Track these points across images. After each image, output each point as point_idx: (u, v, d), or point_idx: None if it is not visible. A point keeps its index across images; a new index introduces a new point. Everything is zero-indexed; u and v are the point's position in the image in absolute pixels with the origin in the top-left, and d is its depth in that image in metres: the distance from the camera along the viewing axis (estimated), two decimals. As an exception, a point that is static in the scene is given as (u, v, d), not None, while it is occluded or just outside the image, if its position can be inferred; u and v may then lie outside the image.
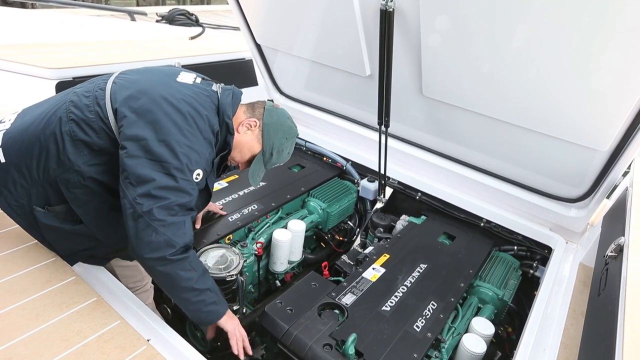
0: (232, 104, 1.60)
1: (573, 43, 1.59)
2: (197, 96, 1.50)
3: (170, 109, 1.40)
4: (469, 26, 1.78)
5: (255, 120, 1.67)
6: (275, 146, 1.72)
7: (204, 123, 1.47)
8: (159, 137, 1.36)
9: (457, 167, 2.49)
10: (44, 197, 1.52)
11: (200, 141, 1.45)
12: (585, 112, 1.78)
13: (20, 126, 1.51)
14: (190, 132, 1.42)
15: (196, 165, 1.43)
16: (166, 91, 1.44)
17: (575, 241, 2.29)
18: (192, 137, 1.42)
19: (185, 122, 1.41)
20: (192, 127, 1.43)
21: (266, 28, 2.66)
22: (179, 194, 1.39)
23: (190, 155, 1.40)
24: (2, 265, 1.61)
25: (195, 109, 1.46)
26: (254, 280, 2.31)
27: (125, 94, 1.43)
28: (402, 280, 2.01)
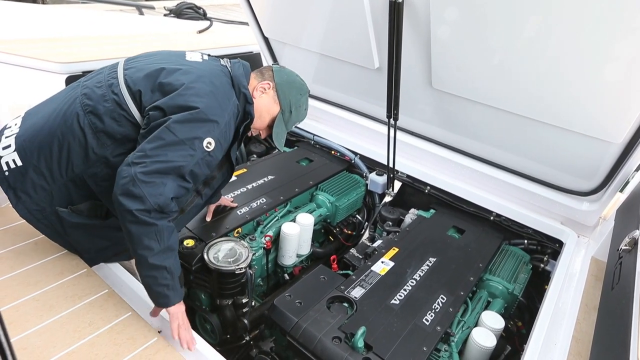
0: (244, 74, 1.62)
1: (586, 33, 1.56)
2: (212, 71, 1.52)
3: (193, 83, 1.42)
4: (479, 17, 1.76)
5: (267, 83, 1.69)
6: (293, 103, 1.74)
7: (223, 95, 1.48)
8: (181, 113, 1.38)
9: (467, 160, 2.46)
10: (67, 197, 1.51)
11: (220, 112, 1.45)
12: (599, 104, 1.75)
13: (33, 127, 1.51)
14: (213, 103, 1.43)
15: (207, 134, 1.41)
16: (184, 68, 1.47)
17: (587, 235, 2.26)
18: (215, 108, 1.43)
19: (207, 94, 1.43)
20: (213, 99, 1.44)
21: (274, 21, 2.65)
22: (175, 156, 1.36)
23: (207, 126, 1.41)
24: (16, 258, 1.64)
25: (212, 83, 1.47)
26: (262, 274, 2.32)
27: (141, 75, 1.44)
28: (411, 273, 2.00)
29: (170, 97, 1.40)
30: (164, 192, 1.35)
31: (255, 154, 3.24)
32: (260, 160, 2.90)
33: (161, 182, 1.34)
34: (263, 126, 1.75)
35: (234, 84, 1.57)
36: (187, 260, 1.91)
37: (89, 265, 1.67)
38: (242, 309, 1.99)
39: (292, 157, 2.95)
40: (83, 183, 1.49)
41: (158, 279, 1.39)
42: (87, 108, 1.44)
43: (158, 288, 1.40)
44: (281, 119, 1.74)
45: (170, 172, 1.36)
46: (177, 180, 1.38)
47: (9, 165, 1.50)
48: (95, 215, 1.56)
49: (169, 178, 1.36)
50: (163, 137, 1.35)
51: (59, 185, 1.49)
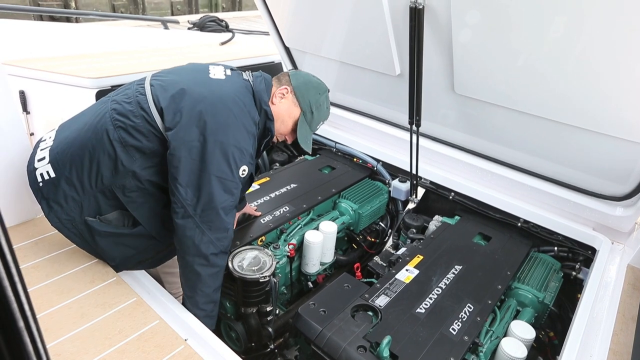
0: (265, 89, 1.65)
1: (615, 30, 1.51)
2: (235, 90, 1.54)
3: (215, 108, 1.45)
4: (502, 19, 1.73)
5: (285, 87, 1.72)
6: (312, 103, 1.76)
7: (246, 116, 1.52)
8: (207, 139, 1.42)
9: (492, 166, 2.41)
10: (95, 207, 1.57)
11: (245, 136, 1.50)
12: (631, 105, 1.69)
13: (65, 140, 1.58)
14: (237, 129, 1.47)
15: (241, 163, 1.48)
16: (207, 89, 1.49)
17: (622, 242, 2.17)
18: (238, 133, 1.47)
19: (230, 120, 1.46)
20: (238, 124, 1.48)
21: (294, 31, 2.68)
22: (226, 197, 1.46)
23: (236, 154, 1.46)
24: (50, 266, 1.70)
25: (236, 103, 1.50)
26: (286, 282, 2.32)
27: (167, 95, 1.48)
28: (436, 281, 1.97)
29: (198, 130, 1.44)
30: (227, 233, 1.52)
31: (278, 162, 3.27)
32: (282, 169, 2.92)
33: (222, 220, 1.50)
34: (287, 131, 1.78)
35: (256, 99, 1.60)
36: (212, 269, 1.94)
37: (117, 271, 1.72)
38: (267, 317, 2.00)
39: (315, 165, 2.96)
40: (111, 194, 1.54)
41: (207, 312, 1.60)
42: (117, 123, 1.49)
43: (204, 320, 1.56)
44: (304, 120, 1.76)
45: (227, 210, 1.49)
46: (230, 212, 1.52)
47: (43, 177, 1.57)
48: (123, 224, 1.61)
49: (224, 215, 1.49)
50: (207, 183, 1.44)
51: (89, 196, 1.54)
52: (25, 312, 0.45)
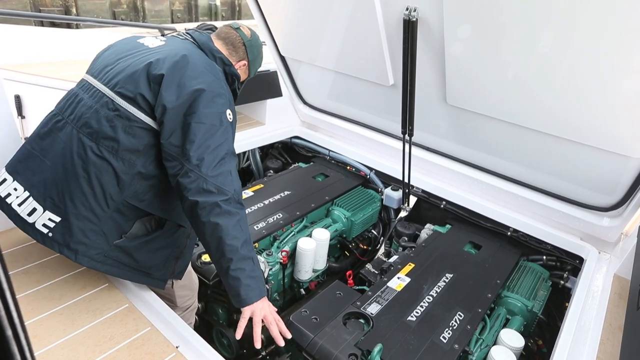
0: (208, 40, 1.65)
1: (602, 47, 1.55)
2: (186, 48, 1.53)
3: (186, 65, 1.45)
4: (493, 33, 1.77)
5: (244, 62, 1.77)
6: (256, 68, 1.87)
7: (210, 67, 1.51)
8: (189, 98, 1.40)
9: (483, 175, 2.45)
10: (117, 228, 1.50)
11: (218, 84, 1.49)
12: (617, 118, 1.73)
13: (45, 181, 1.45)
14: (208, 80, 1.46)
15: (223, 107, 1.47)
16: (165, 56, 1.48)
17: (608, 251, 2.21)
18: (212, 83, 1.46)
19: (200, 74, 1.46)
20: (207, 75, 1.47)
21: (290, 40, 2.71)
22: (222, 141, 1.44)
23: (218, 100, 1.45)
24: (41, 272, 1.69)
25: (195, 58, 1.50)
26: (279, 289, 2.33)
27: (130, 81, 1.43)
28: (427, 290, 1.99)
29: (175, 92, 1.41)
30: (233, 178, 1.45)
31: (272, 169, 3.28)
32: (276, 176, 2.94)
33: (226, 170, 1.43)
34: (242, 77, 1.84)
35: (206, 52, 1.60)
36: (205, 275, 1.94)
37: (161, 286, 1.67)
38: (259, 324, 2.00)
39: (308, 173, 2.98)
40: (126, 207, 1.48)
41: (246, 271, 1.43)
42: (95, 136, 1.42)
43: (247, 281, 1.43)
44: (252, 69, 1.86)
45: (225, 156, 1.44)
46: (232, 160, 1.48)
47: (48, 226, 1.44)
48: (149, 230, 1.57)
49: (227, 163, 1.44)
50: (197, 131, 1.39)
51: (106, 220, 1.47)
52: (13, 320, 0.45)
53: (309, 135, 3.28)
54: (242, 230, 1.44)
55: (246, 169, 3.50)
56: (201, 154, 1.39)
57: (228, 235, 1.40)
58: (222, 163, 1.43)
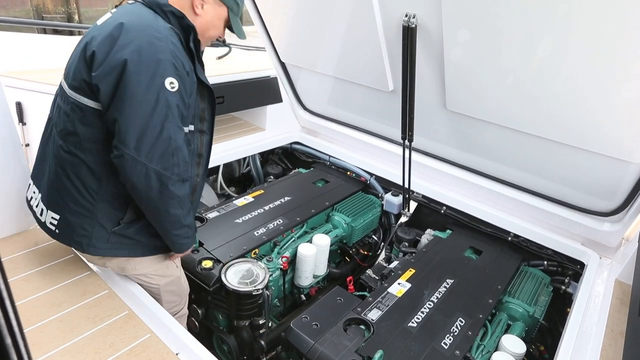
0: None
1: (601, 52, 1.56)
2: (125, 13, 1.38)
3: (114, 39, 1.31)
4: (492, 38, 1.78)
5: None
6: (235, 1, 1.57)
7: (148, 30, 1.34)
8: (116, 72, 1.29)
9: (483, 181, 2.45)
10: (111, 217, 1.51)
11: (154, 49, 1.31)
12: (616, 123, 1.74)
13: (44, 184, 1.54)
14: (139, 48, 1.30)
15: (161, 77, 1.30)
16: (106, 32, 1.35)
17: (609, 256, 2.20)
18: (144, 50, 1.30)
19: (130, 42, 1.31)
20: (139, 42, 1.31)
21: (290, 47, 2.73)
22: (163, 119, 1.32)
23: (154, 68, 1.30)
24: (41, 278, 1.69)
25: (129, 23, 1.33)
26: (279, 295, 2.32)
27: (74, 69, 1.41)
28: (428, 295, 1.98)
29: (104, 68, 1.30)
30: (178, 159, 1.38)
31: (272, 175, 3.29)
32: (277, 182, 2.94)
33: (168, 152, 1.35)
34: (221, 32, 1.61)
35: (154, 9, 1.41)
36: (205, 282, 1.94)
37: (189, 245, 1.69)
38: (259, 330, 2.00)
39: (309, 178, 2.98)
40: (114, 195, 1.48)
41: (182, 236, 1.56)
42: (62, 134, 1.44)
43: (183, 240, 1.58)
44: (232, 14, 1.59)
45: (167, 135, 1.33)
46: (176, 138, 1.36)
47: (53, 224, 1.53)
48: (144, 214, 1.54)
49: (169, 141, 1.34)
50: (131, 110, 1.28)
51: (97, 211, 1.48)
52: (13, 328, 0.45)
53: (309, 141, 3.28)
54: (182, 207, 1.47)
55: (246, 174, 3.51)
56: (139, 136, 1.30)
57: (167, 214, 1.45)
58: (162, 143, 1.33)
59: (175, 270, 1.80)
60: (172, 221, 1.48)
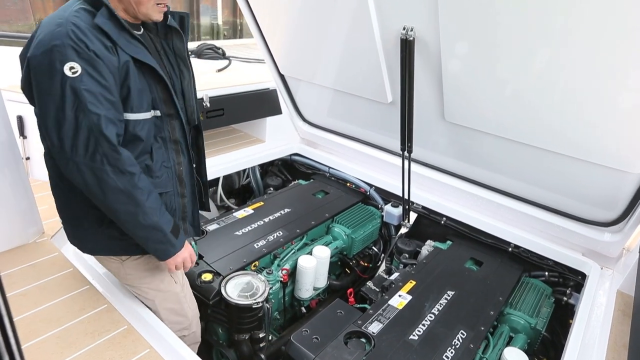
0: None
1: (598, 63, 1.57)
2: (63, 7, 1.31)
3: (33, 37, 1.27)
4: (489, 50, 1.80)
5: None
6: None
7: (49, 20, 1.26)
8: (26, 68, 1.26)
9: (483, 191, 2.45)
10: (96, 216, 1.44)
11: (49, 37, 1.21)
12: (615, 134, 1.74)
13: None
14: (39, 41, 1.23)
15: (60, 64, 1.19)
16: None
17: (610, 267, 2.20)
18: (40, 42, 1.22)
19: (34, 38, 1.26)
20: (40, 35, 1.23)
21: (289, 59, 2.75)
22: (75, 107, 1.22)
23: (50, 57, 1.20)
24: (40, 293, 1.68)
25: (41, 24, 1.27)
26: (279, 307, 2.31)
27: None
28: (429, 307, 1.97)
29: (23, 71, 1.28)
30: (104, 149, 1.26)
31: (272, 186, 3.29)
32: (276, 193, 2.94)
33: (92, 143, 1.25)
34: None
35: None
36: (205, 295, 1.93)
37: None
38: (259, 344, 1.98)
39: (308, 190, 2.99)
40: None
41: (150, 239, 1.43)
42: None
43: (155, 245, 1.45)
44: None
45: (85, 126, 1.23)
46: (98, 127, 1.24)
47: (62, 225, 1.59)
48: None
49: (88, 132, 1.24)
50: (43, 106, 1.24)
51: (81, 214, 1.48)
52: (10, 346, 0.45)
53: (309, 153, 3.29)
54: (131, 202, 1.33)
55: (246, 186, 3.51)
56: (57, 130, 1.23)
57: (117, 211, 1.35)
58: (82, 134, 1.24)
59: (173, 286, 1.71)
60: (128, 220, 1.36)
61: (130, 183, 1.32)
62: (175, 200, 1.57)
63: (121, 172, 1.30)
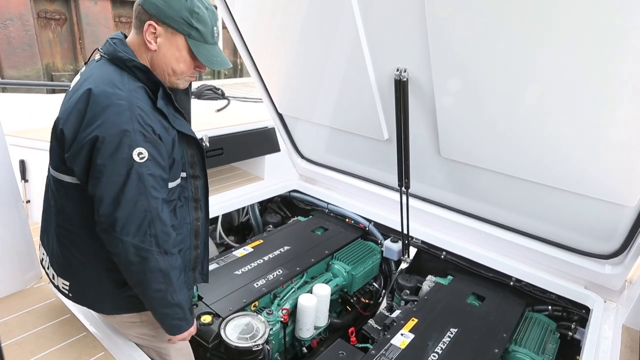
0: (119, 44, 1.33)
1: (586, 98, 1.61)
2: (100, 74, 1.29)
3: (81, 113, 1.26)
4: (481, 89, 1.85)
5: (149, 24, 1.31)
6: (186, 16, 1.31)
7: (112, 96, 1.25)
8: (85, 151, 1.25)
9: (481, 225, 2.46)
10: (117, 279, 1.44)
11: (118, 120, 1.23)
12: (608, 168, 1.77)
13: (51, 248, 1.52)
14: (105, 122, 1.23)
15: (129, 149, 1.23)
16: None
17: (614, 300, 2.17)
18: (108, 124, 1.22)
19: (96, 116, 1.24)
20: (105, 114, 1.23)
21: (287, 98, 2.82)
22: (134, 192, 1.26)
23: (118, 142, 1.23)
24: (35, 341, 1.65)
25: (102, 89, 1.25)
26: (280, 348, 2.26)
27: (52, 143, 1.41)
28: (432, 346, 1.93)
29: (74, 148, 1.26)
30: (156, 230, 1.31)
31: (272, 223, 3.29)
32: (276, 231, 2.94)
33: (145, 224, 1.29)
34: (186, 65, 1.39)
35: (119, 65, 1.31)
36: (204, 338, 1.90)
37: None
38: (260, 388, 1.92)
39: (308, 226, 2.99)
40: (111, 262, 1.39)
41: (171, 315, 1.44)
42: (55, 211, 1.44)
43: (173, 321, 1.46)
44: (194, 42, 1.35)
45: (142, 209, 1.27)
46: (152, 209, 1.29)
47: (65, 289, 1.51)
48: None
49: (145, 215, 1.29)
50: (100, 187, 1.25)
51: (101, 278, 1.46)
52: None
53: (307, 189, 3.32)
54: (166, 282, 1.37)
55: (245, 223, 3.51)
56: (112, 211, 1.25)
57: (150, 289, 1.36)
58: (137, 216, 1.27)
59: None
60: (157, 297, 1.39)
61: (170, 264, 1.37)
62: (190, 253, 1.60)
63: (166, 253, 1.35)
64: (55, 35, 8.86)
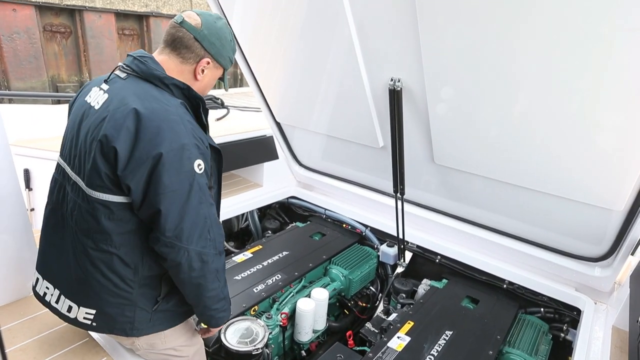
0: (151, 62, 1.38)
1: (575, 105, 1.67)
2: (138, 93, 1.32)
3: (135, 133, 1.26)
4: (472, 98, 1.92)
5: (207, 60, 1.44)
6: (231, 56, 1.52)
7: (164, 112, 1.30)
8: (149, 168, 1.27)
9: (475, 229, 2.52)
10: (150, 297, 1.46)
11: (177, 135, 1.28)
12: (595, 173, 1.83)
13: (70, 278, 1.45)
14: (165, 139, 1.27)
15: (190, 162, 1.29)
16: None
17: (604, 301, 2.23)
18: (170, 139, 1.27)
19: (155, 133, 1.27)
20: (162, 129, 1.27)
21: (284, 108, 2.89)
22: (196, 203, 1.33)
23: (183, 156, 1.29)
24: (39, 347, 1.68)
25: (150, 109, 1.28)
26: (279, 352, 2.30)
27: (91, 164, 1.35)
28: (428, 349, 1.98)
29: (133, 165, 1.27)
30: (214, 235, 1.39)
31: (270, 229, 3.34)
32: (275, 237, 2.99)
33: (205, 231, 1.35)
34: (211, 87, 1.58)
35: (153, 82, 1.36)
36: (205, 342, 1.93)
37: None
38: (260, 391, 1.96)
39: (306, 232, 3.04)
40: (146, 278, 1.44)
41: (219, 310, 1.52)
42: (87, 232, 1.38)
43: (220, 314, 1.54)
44: (225, 72, 1.57)
45: (202, 218, 1.35)
46: (210, 215, 1.38)
47: (89, 319, 1.45)
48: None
49: (205, 223, 1.36)
50: (165, 201, 1.27)
51: (136, 298, 1.44)
52: None
53: (305, 195, 3.37)
54: (219, 279, 1.47)
55: (245, 229, 3.55)
56: (177, 224, 1.30)
57: (207, 289, 1.43)
58: (199, 224, 1.33)
59: (200, 338, 1.76)
60: (212, 296, 1.45)
61: (221, 262, 1.47)
62: None
63: (219, 253, 1.44)
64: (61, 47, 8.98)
